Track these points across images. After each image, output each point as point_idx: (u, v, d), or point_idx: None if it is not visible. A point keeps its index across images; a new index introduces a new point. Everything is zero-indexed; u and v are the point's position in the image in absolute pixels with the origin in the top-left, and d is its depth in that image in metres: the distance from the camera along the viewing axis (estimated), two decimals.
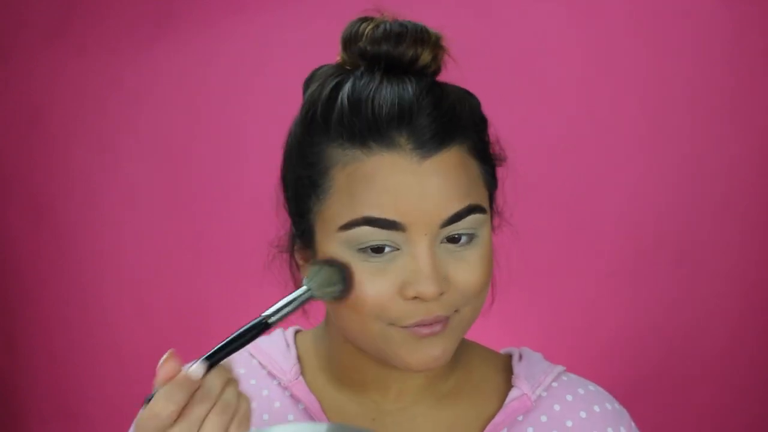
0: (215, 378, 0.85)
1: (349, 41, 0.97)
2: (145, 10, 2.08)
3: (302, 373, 1.06)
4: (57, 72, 2.13)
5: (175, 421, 0.83)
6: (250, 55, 2.02)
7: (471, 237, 0.95)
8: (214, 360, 0.85)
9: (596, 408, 1.09)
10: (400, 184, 0.92)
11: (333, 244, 0.94)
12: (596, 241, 1.86)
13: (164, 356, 0.84)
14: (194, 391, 0.84)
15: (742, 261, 1.81)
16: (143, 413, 0.83)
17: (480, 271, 0.95)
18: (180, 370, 0.84)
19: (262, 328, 0.88)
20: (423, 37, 0.97)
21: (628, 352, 1.85)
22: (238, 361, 1.07)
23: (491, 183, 0.99)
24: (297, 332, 1.12)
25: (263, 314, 0.88)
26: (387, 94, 0.94)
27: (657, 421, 1.82)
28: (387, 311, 0.94)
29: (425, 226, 0.92)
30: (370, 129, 0.93)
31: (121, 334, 2.11)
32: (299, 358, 1.07)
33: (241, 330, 0.87)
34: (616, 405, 1.11)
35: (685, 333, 1.84)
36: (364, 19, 0.98)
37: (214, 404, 0.85)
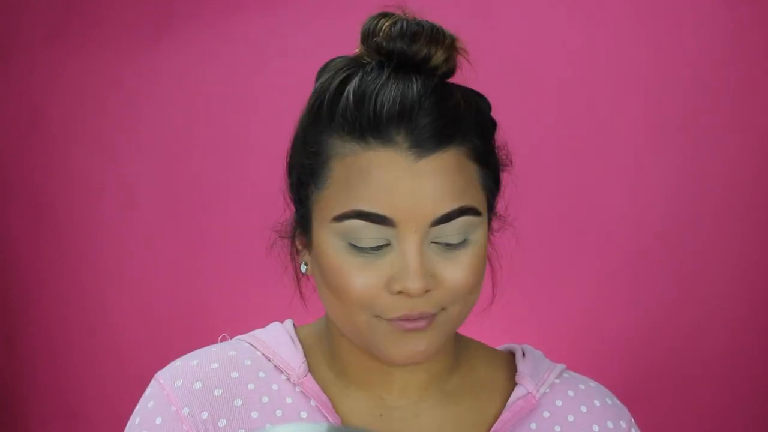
0: None
1: (367, 35, 0.99)
2: (145, 10, 2.08)
3: (310, 369, 1.06)
4: (57, 72, 2.13)
5: None
6: (250, 56, 2.02)
7: (462, 240, 0.96)
8: None
9: (596, 402, 1.11)
10: (394, 180, 0.93)
11: (326, 234, 0.96)
12: (597, 241, 1.86)
13: None
14: None
15: (742, 261, 1.81)
16: None
17: (468, 272, 0.97)
18: None
19: None
20: (438, 38, 0.98)
21: (629, 353, 1.85)
22: (242, 351, 1.07)
23: (491, 187, 1.00)
24: (295, 325, 1.12)
25: None
26: (391, 91, 0.95)
27: (657, 421, 1.82)
28: (373, 304, 0.96)
29: (415, 223, 0.94)
30: (370, 124, 0.94)
31: (121, 334, 2.11)
32: (305, 354, 1.07)
33: None
34: (616, 400, 1.13)
35: (686, 333, 1.84)
36: (384, 15, 0.99)
37: None
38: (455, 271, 0.96)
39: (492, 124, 1.03)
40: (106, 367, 2.13)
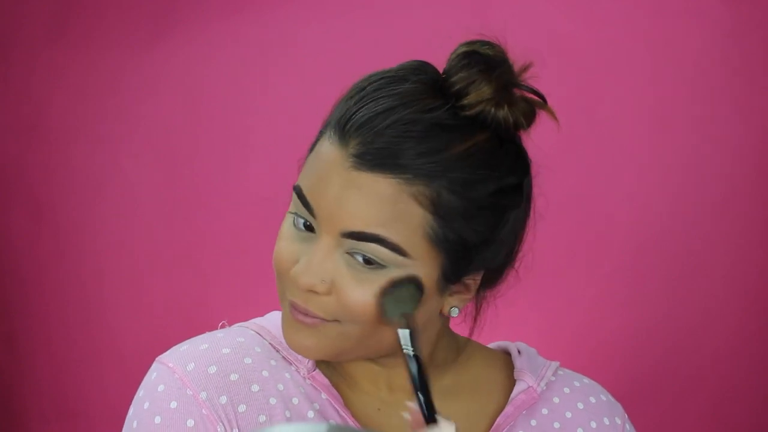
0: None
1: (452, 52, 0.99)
2: (145, 10, 2.08)
3: (316, 364, 1.05)
4: (57, 72, 2.13)
5: None
6: (251, 55, 2.02)
7: (381, 266, 0.95)
8: (433, 411, 0.89)
9: (592, 399, 1.12)
10: (327, 178, 0.95)
11: (292, 197, 0.99)
12: (597, 240, 1.86)
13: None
14: None
15: (743, 260, 1.81)
16: None
17: (368, 299, 0.95)
18: None
19: (422, 362, 0.91)
20: (482, 78, 0.96)
21: (629, 352, 1.85)
22: (250, 338, 1.06)
23: (449, 246, 0.96)
24: None
25: (408, 353, 0.91)
26: (387, 103, 0.96)
27: (657, 421, 1.82)
28: (281, 275, 0.99)
29: (329, 225, 0.95)
30: (342, 122, 0.96)
31: (121, 333, 2.11)
32: None
33: (418, 377, 0.90)
34: (610, 397, 1.15)
35: (686, 333, 1.84)
36: (474, 41, 0.98)
37: None
38: (355, 290, 0.95)
39: (500, 196, 0.98)
40: (106, 367, 2.13)
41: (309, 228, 0.97)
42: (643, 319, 1.84)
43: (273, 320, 1.08)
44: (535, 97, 1.02)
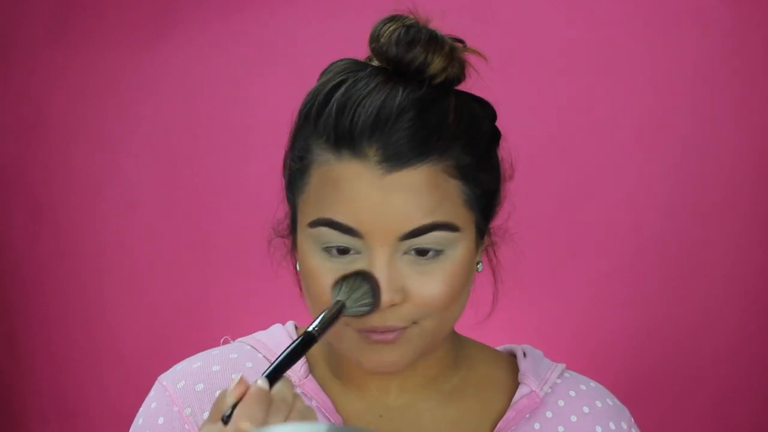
0: (285, 389, 0.85)
1: (372, 39, 0.99)
2: (145, 10, 2.08)
3: (310, 370, 1.06)
4: (57, 72, 2.13)
5: None
6: (251, 55, 2.02)
7: (438, 252, 0.96)
8: (274, 375, 0.85)
9: (598, 403, 1.11)
10: (362, 194, 0.94)
11: (304, 237, 0.97)
12: (597, 240, 1.86)
13: (234, 381, 0.84)
14: (269, 405, 0.83)
15: (742, 260, 1.81)
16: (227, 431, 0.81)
17: (441, 287, 0.96)
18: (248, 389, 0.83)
19: (310, 342, 0.89)
20: (435, 46, 0.98)
21: (629, 352, 1.85)
22: (243, 354, 1.08)
23: (481, 203, 0.99)
24: (296, 327, 1.12)
25: (308, 329, 0.89)
26: (373, 102, 0.95)
27: (657, 421, 1.82)
28: None
29: (383, 237, 0.94)
30: (345, 136, 0.94)
31: (121, 334, 2.11)
32: (306, 356, 1.07)
33: (292, 346, 0.87)
34: (617, 401, 1.14)
35: (686, 333, 1.84)
36: (392, 18, 0.99)
37: (289, 414, 0.84)
38: (427, 286, 0.96)
39: (491, 137, 1.03)
40: (106, 367, 2.13)
41: (344, 251, 0.96)
42: (643, 319, 1.84)
43: (273, 333, 1.10)
44: (459, 44, 1.03)
